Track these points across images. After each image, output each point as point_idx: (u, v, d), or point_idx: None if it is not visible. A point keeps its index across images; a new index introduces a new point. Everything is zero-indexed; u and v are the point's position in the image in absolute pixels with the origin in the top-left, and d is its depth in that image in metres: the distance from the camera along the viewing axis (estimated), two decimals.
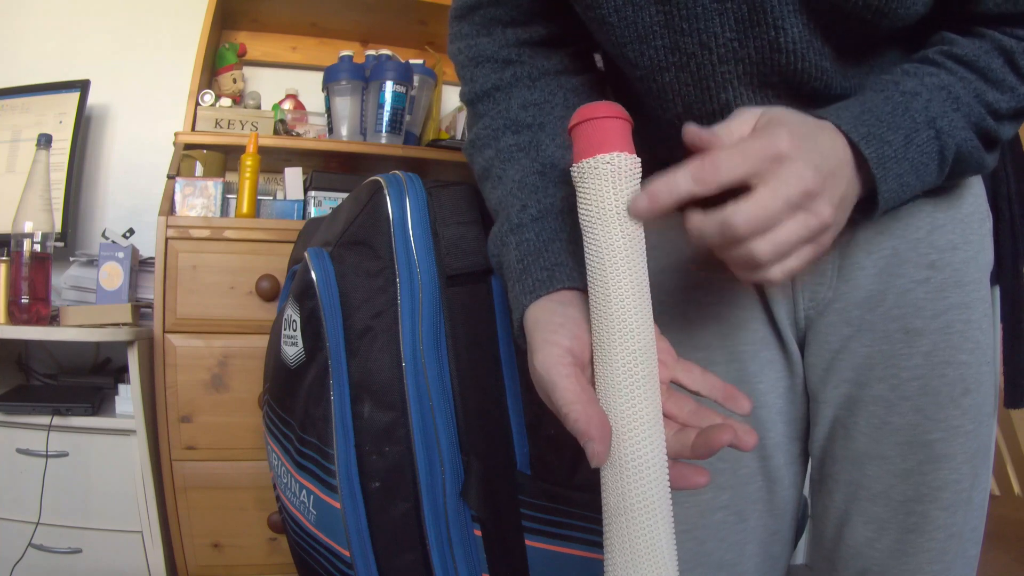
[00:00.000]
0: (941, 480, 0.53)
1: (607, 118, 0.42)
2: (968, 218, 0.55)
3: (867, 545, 0.55)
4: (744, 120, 0.42)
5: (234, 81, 1.70)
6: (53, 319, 1.33)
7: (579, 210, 0.43)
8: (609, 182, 0.41)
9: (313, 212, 1.51)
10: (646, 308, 0.42)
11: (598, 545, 0.77)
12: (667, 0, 0.49)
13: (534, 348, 0.44)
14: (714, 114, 0.53)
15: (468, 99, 0.62)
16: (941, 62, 0.49)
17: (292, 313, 0.78)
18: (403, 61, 1.66)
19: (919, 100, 0.47)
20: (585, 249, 0.43)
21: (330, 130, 1.67)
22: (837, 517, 0.57)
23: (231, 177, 1.53)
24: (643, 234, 0.42)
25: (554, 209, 0.52)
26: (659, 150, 0.56)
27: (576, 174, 0.43)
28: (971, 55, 0.49)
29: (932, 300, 0.53)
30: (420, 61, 1.71)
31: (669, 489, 0.40)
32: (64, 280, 1.46)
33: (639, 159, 0.42)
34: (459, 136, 1.71)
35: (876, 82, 0.49)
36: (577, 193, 0.43)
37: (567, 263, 0.49)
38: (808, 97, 0.51)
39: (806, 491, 0.64)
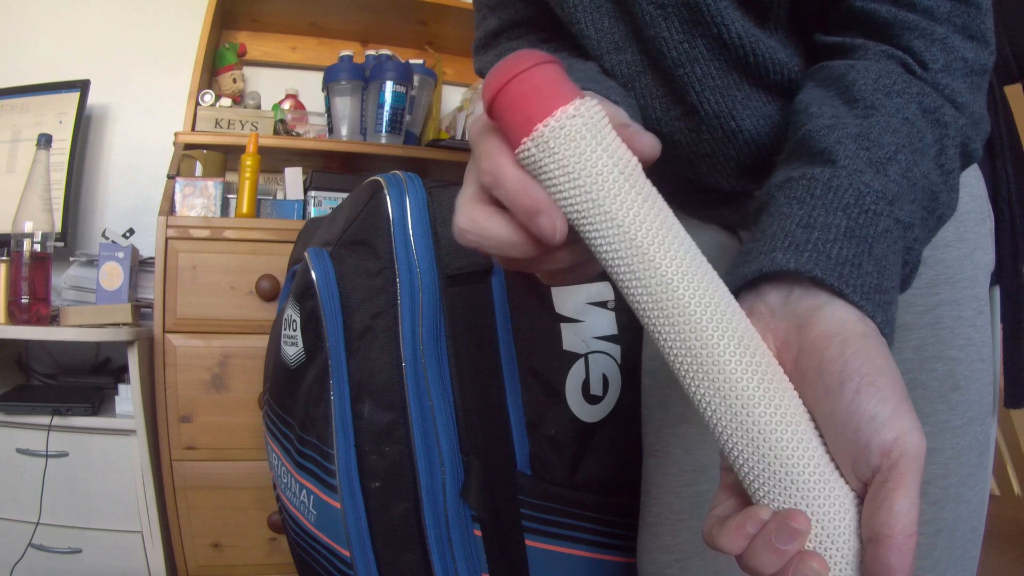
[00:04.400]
0: (928, 474, 0.52)
1: (538, 65, 0.31)
2: (964, 216, 0.55)
3: None
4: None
5: (234, 81, 1.70)
6: (53, 319, 1.33)
7: (563, 196, 0.32)
8: (591, 137, 0.31)
9: (313, 212, 1.51)
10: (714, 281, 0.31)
11: (598, 545, 0.77)
12: (628, 11, 0.51)
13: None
14: (686, 116, 0.54)
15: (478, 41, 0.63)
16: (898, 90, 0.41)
17: (292, 313, 0.78)
18: (403, 61, 1.66)
19: (886, 217, 0.35)
20: (598, 242, 0.32)
21: (330, 130, 1.67)
22: None
23: (231, 177, 1.53)
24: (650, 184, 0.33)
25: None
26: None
27: (536, 150, 0.31)
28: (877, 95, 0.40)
29: (922, 296, 0.53)
30: (420, 61, 1.71)
31: None
32: (64, 280, 1.46)
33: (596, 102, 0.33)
34: (459, 136, 1.71)
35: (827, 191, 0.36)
36: (548, 176, 0.31)
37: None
38: (776, 88, 0.52)
39: None
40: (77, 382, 1.46)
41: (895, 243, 0.35)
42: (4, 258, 1.27)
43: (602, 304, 0.78)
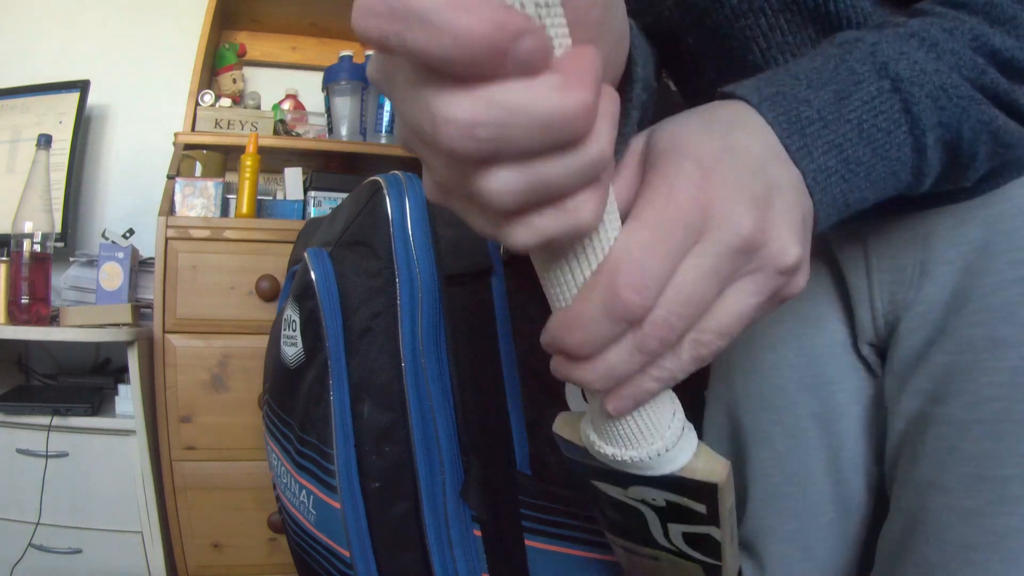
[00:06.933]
0: (1009, 527, 0.42)
1: None
2: None
3: None
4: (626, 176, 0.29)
5: (234, 81, 1.70)
6: (53, 319, 1.33)
7: None
8: None
9: (313, 212, 1.51)
10: None
11: (598, 545, 0.77)
12: None
13: None
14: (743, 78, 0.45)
15: None
16: (927, 10, 0.36)
17: (292, 313, 0.78)
18: None
19: (860, 46, 0.33)
20: None
21: (330, 130, 1.67)
22: (891, 551, 0.49)
23: (231, 177, 1.53)
24: None
25: None
26: None
27: None
28: None
29: None
30: None
31: None
32: (64, 280, 1.46)
33: None
34: None
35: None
36: None
37: None
38: None
39: None
40: (77, 382, 1.46)
41: (859, 76, 0.32)
42: (4, 258, 1.27)
43: None
